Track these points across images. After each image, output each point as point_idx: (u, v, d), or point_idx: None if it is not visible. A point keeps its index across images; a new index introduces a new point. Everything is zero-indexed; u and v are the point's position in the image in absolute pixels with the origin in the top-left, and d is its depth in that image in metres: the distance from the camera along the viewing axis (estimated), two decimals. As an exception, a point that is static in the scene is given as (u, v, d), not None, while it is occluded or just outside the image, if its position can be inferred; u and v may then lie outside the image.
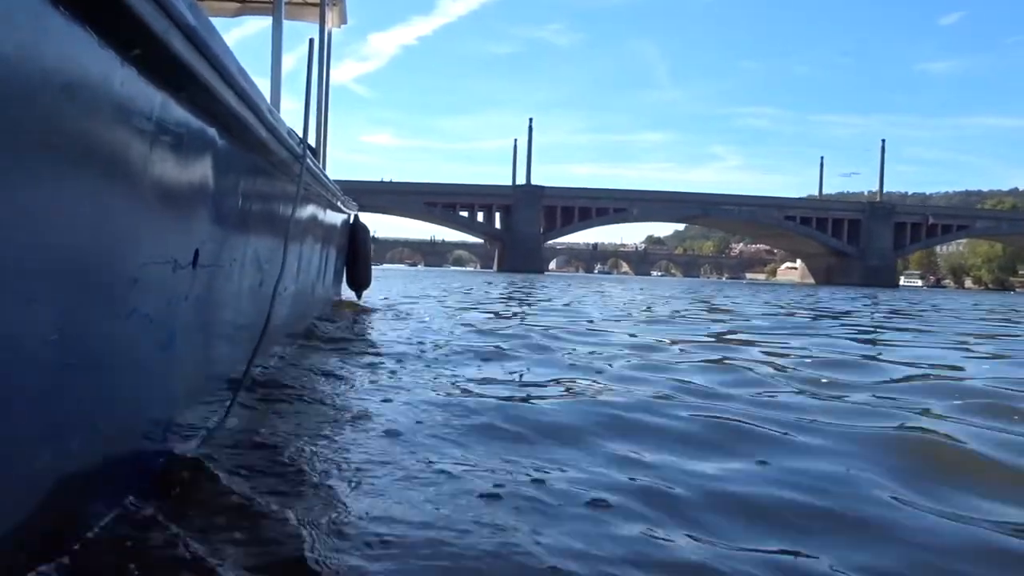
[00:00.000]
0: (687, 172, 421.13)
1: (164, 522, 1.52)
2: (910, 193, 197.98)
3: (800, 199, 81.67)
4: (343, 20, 9.18)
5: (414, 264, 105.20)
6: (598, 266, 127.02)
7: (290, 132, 3.40)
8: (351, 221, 9.91)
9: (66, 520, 1.39)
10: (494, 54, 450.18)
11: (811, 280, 78.58)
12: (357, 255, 10.10)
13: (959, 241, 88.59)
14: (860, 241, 75.31)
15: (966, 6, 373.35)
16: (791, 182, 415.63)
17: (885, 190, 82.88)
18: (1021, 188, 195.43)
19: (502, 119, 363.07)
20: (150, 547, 1.44)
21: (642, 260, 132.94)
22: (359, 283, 10.39)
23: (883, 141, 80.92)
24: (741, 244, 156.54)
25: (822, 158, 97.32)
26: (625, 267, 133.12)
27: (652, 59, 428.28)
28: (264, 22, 7.61)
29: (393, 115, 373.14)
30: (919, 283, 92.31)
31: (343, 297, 9.78)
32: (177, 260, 1.83)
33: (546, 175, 75.02)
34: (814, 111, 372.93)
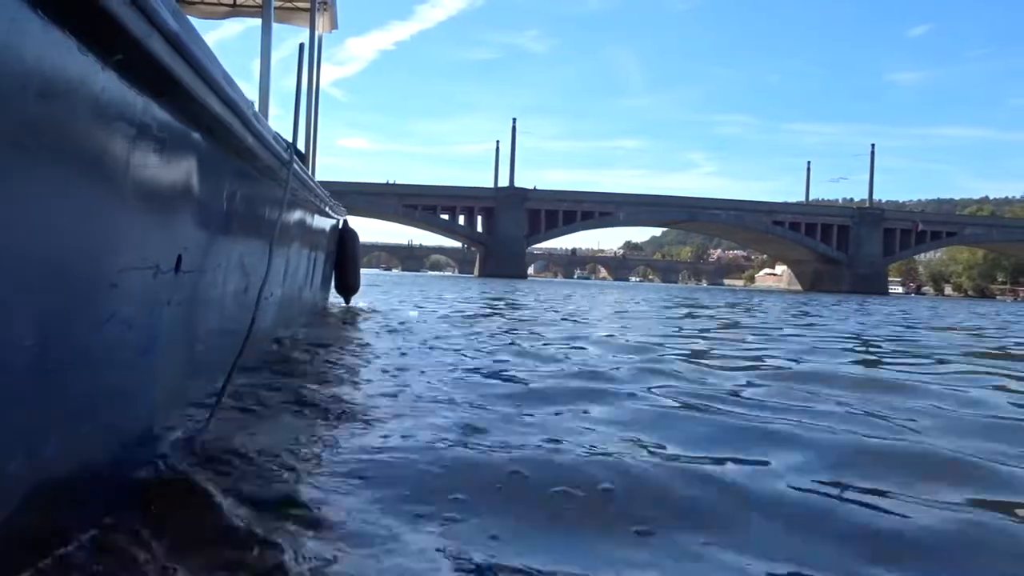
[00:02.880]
0: (664, 178, 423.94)
1: (141, 532, 1.51)
2: (884, 200, 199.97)
3: (789, 204, 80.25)
4: (334, 25, 9.12)
5: (388, 268, 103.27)
6: (577, 271, 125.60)
7: (277, 137, 3.41)
8: (340, 226, 9.83)
9: (39, 530, 1.39)
10: (472, 60, 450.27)
11: (798, 287, 77.29)
12: (346, 260, 10.09)
13: (938, 248, 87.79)
14: (849, 247, 74.11)
15: (933, 19, 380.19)
16: (766, 188, 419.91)
17: (857, 198, 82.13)
18: (991, 197, 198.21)
19: (479, 124, 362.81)
20: (126, 558, 1.43)
21: (620, 266, 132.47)
22: (348, 289, 10.35)
23: (872, 146, 79.86)
24: (719, 250, 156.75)
25: (808, 163, 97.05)
26: (604, 272, 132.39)
27: (628, 66, 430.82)
28: (255, 24, 7.50)
29: (370, 119, 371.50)
30: (900, 290, 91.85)
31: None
32: (159, 265, 1.84)
33: (523, 180, 74.03)
34: (786, 119, 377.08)
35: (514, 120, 78.23)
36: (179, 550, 1.48)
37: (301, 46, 7.35)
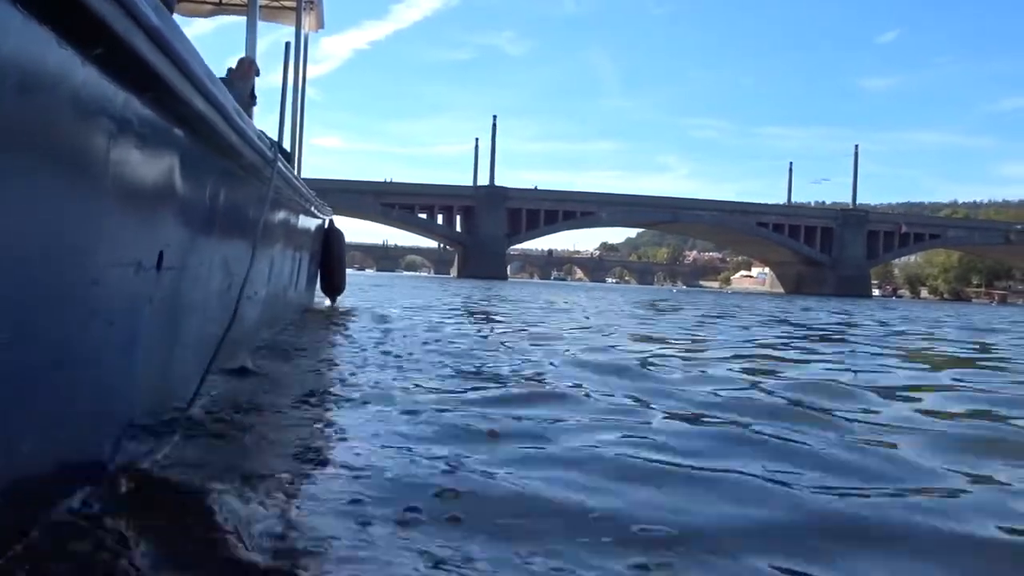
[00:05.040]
0: (639, 180, 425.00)
1: (116, 526, 1.51)
2: (855, 204, 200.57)
3: (773, 205, 79.19)
4: (320, 24, 9.16)
5: (362, 268, 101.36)
6: (554, 273, 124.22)
7: (261, 135, 3.48)
8: (325, 226, 9.82)
9: (13, 520, 1.37)
10: (447, 60, 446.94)
11: (780, 289, 76.42)
12: (331, 260, 10.08)
13: (921, 251, 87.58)
14: (833, 249, 73.32)
15: (901, 24, 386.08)
16: (740, 190, 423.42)
17: (829, 201, 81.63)
18: (960, 201, 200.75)
19: (455, 125, 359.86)
20: (100, 549, 1.42)
21: (597, 267, 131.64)
22: (334, 288, 10.44)
23: (856, 147, 79.24)
24: (694, 252, 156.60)
25: (791, 164, 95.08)
26: (580, 274, 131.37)
27: (603, 68, 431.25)
28: (237, 21, 8.08)
29: (344, 118, 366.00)
30: (877, 292, 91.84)
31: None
32: (141, 262, 1.83)
33: (500, 181, 72.12)
34: (759, 123, 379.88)
35: (494, 117, 77.15)
36: (149, 536, 1.50)
37: (288, 44, 7.47)
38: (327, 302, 10.39)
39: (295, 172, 6.63)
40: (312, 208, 7.68)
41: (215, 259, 2.81)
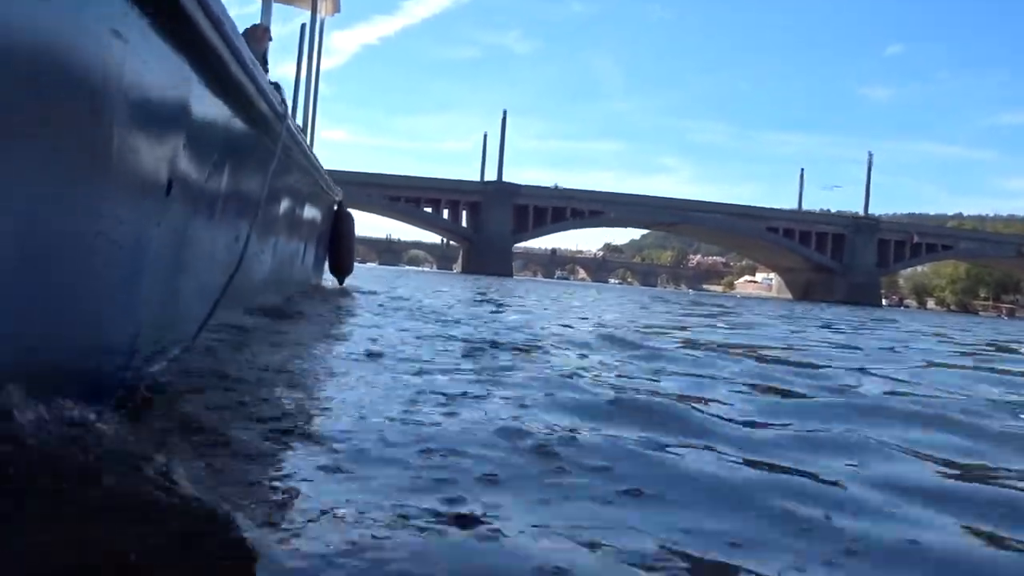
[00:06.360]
0: (640, 181, 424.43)
1: (124, 435, 1.51)
2: (860, 213, 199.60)
3: (782, 211, 77.92)
4: (336, 8, 9.12)
5: (364, 261, 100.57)
6: (557, 272, 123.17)
7: (273, 90, 3.46)
8: (335, 208, 10.02)
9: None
10: (455, 58, 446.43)
11: (788, 295, 75.44)
12: (341, 241, 10.26)
13: (933, 261, 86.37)
14: (844, 257, 72.19)
15: (907, 39, 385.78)
16: (741, 194, 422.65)
17: (835, 208, 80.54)
18: (965, 214, 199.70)
19: (462, 121, 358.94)
20: (108, 457, 1.37)
21: (600, 267, 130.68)
22: (342, 269, 10.60)
23: (870, 153, 78.42)
24: (698, 256, 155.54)
25: (802, 170, 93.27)
26: (583, 273, 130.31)
27: (607, 70, 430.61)
28: (251, 6, 7.86)
29: (351, 112, 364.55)
30: (884, 303, 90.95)
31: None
32: (148, 183, 1.86)
33: (504, 178, 70.90)
34: (760, 128, 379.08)
35: (504, 112, 75.38)
36: (158, 440, 1.59)
37: (303, 26, 7.70)
38: (335, 283, 10.39)
39: (308, 146, 6.57)
40: (323, 185, 7.62)
41: (222, 205, 2.80)
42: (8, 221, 1.24)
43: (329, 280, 10.64)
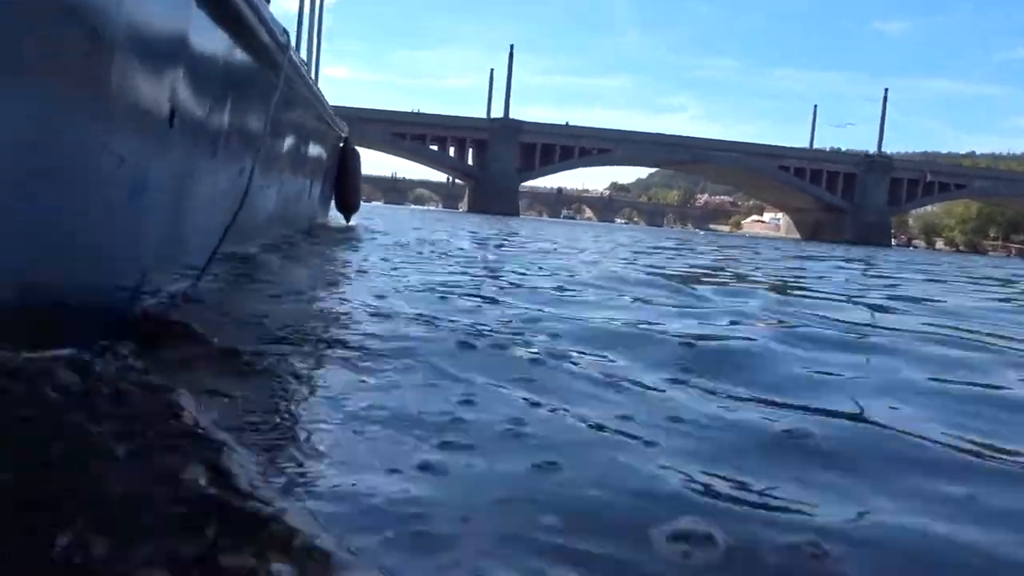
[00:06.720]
0: (650, 119, 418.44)
1: (132, 361, 1.55)
2: (871, 151, 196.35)
3: (794, 149, 76.46)
4: None
5: (369, 200, 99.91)
6: (563, 211, 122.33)
7: (276, 21, 3.37)
8: (341, 144, 9.81)
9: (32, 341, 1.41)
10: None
11: (796, 235, 74.78)
12: (347, 178, 9.91)
13: (946, 200, 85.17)
14: (855, 196, 71.16)
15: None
16: (753, 132, 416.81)
17: (846, 147, 79.05)
18: (978, 152, 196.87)
19: (464, 56, 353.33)
20: (123, 368, 1.48)
21: (606, 207, 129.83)
22: (349, 207, 10.33)
23: (886, 90, 76.52)
24: (705, 195, 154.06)
25: (815, 107, 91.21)
26: (589, 213, 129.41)
27: (616, 1, 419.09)
28: None
29: (352, 47, 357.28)
30: (892, 242, 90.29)
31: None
32: (151, 112, 1.84)
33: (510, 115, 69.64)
34: (772, 64, 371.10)
35: (511, 47, 73.54)
36: (169, 368, 1.62)
37: None
38: (342, 221, 10.30)
39: (312, 79, 6.52)
40: (327, 120, 7.53)
41: (225, 138, 2.82)
42: (10, 153, 1.24)
43: (336, 218, 10.64)
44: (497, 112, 71.38)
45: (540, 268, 6.36)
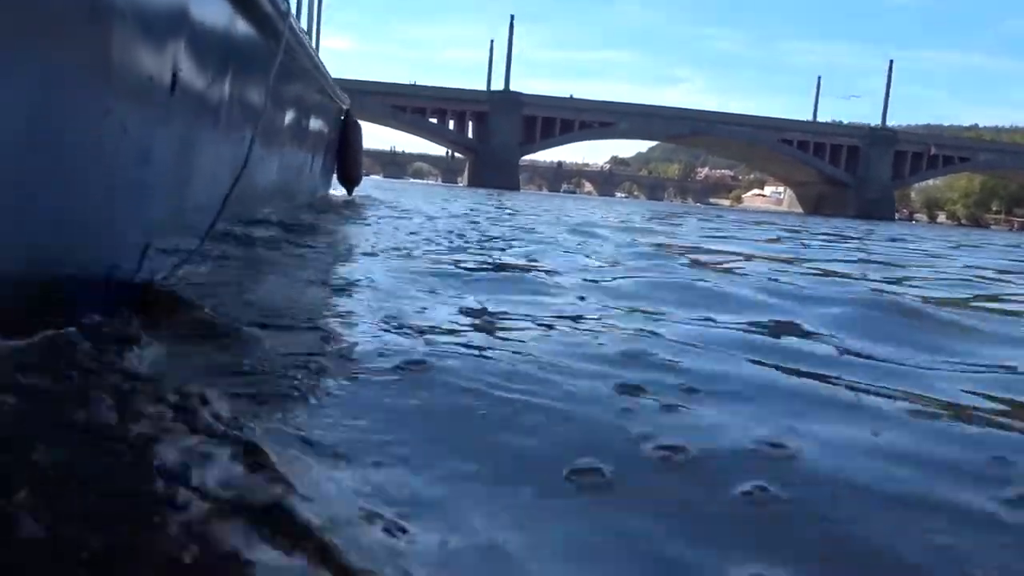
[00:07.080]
0: (653, 93, 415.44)
1: (133, 323, 1.63)
2: (874, 124, 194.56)
3: (797, 121, 75.67)
4: None
5: (368, 173, 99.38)
6: (564, 185, 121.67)
7: None
8: (343, 117, 9.84)
9: (43, 324, 1.41)
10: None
11: (799, 209, 74.33)
12: (348, 150, 9.91)
13: (950, 173, 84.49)
14: (858, 170, 70.57)
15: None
16: (758, 106, 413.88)
17: (849, 120, 78.16)
18: (981, 125, 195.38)
19: (465, 30, 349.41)
20: (123, 340, 1.50)
21: (607, 181, 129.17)
22: (350, 179, 10.39)
23: (891, 62, 75.49)
24: (706, 169, 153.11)
25: (819, 78, 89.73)
26: (589, 187, 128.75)
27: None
28: None
29: (354, 18, 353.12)
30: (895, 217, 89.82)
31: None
32: (152, 77, 1.81)
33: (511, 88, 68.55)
34: (777, 36, 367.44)
35: (512, 17, 72.42)
36: (168, 339, 1.64)
37: None
38: (343, 193, 10.21)
39: (313, 49, 6.41)
40: (329, 92, 7.48)
41: (226, 108, 2.83)
42: (12, 123, 1.24)
43: (337, 191, 10.51)
44: (497, 85, 70.70)
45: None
